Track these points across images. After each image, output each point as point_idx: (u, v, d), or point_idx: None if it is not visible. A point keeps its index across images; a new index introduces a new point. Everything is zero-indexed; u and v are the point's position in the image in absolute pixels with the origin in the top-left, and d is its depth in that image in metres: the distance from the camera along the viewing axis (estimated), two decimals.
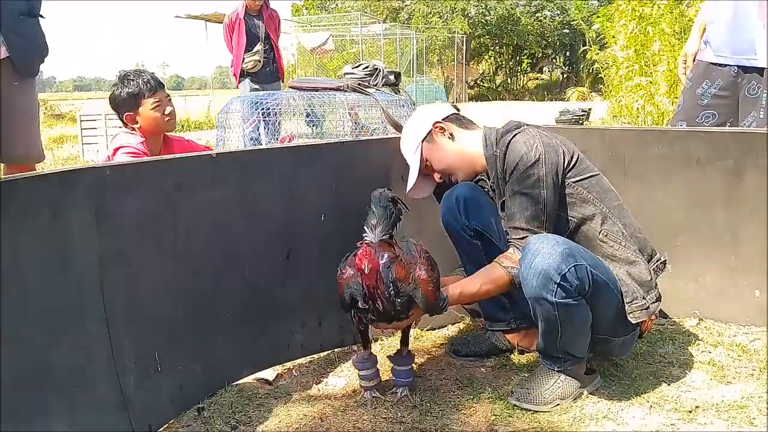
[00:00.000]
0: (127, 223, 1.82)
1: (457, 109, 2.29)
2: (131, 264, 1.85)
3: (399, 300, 1.87)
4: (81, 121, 8.39)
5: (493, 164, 2.09)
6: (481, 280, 2.03)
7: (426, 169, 2.23)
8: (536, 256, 1.83)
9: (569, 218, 2.03)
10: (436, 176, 2.25)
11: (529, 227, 1.96)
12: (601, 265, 1.95)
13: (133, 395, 1.83)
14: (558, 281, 1.81)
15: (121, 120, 2.75)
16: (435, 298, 1.93)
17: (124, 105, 2.71)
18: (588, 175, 2.05)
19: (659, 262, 2.13)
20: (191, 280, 2.02)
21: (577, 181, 2.03)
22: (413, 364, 2.17)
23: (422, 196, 2.31)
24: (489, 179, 2.19)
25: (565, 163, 2.01)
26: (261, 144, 4.81)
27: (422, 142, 2.20)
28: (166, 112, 2.74)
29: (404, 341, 2.16)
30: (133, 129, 2.73)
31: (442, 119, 2.21)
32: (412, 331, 2.23)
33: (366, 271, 1.83)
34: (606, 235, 2.03)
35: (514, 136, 2.03)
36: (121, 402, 1.80)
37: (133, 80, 2.71)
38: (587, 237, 2.04)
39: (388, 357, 2.18)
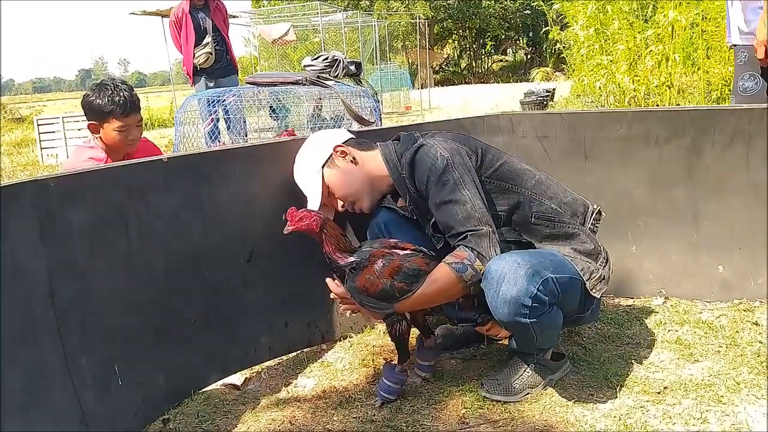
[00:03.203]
0: (76, 233, 1.76)
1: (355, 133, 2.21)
2: (83, 275, 1.78)
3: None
4: (38, 125, 8.18)
5: (403, 185, 2.02)
6: (428, 281, 1.86)
7: (326, 198, 2.12)
8: (501, 284, 1.77)
9: (498, 213, 1.99)
10: (339, 205, 2.13)
11: (467, 228, 1.85)
12: (559, 261, 1.91)
13: (93, 411, 1.77)
14: (530, 304, 1.78)
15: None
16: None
17: (92, 113, 2.59)
18: (498, 164, 2.00)
19: (594, 213, 2.07)
20: (148, 289, 1.96)
21: (490, 174, 1.98)
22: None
23: (327, 215, 2.13)
24: (403, 201, 2.10)
25: (474, 162, 1.96)
26: (221, 141, 4.72)
27: (323, 168, 2.10)
28: (129, 138, 2.62)
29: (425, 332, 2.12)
30: (95, 137, 2.64)
31: (342, 143, 2.12)
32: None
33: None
34: (538, 217, 1.99)
35: (415, 153, 1.95)
36: (81, 420, 1.74)
37: (109, 95, 2.55)
38: (520, 225, 2.01)
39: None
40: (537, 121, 2.62)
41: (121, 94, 2.57)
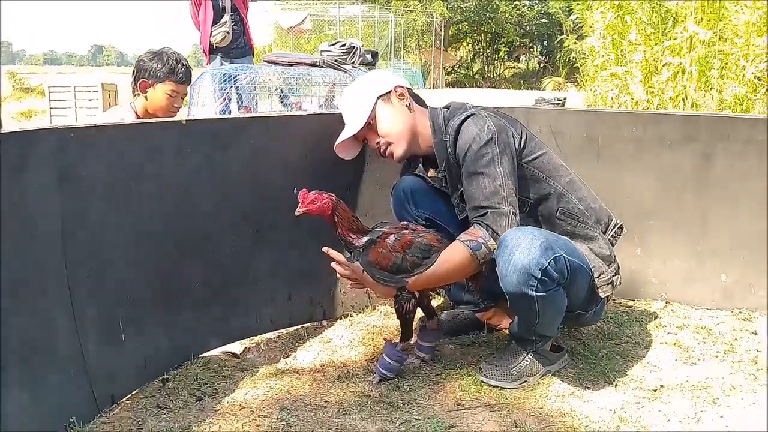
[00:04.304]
0: (92, 187, 1.77)
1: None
2: (95, 230, 1.80)
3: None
4: (50, 92, 8.17)
5: (443, 150, 2.03)
6: (441, 259, 1.90)
7: (364, 130, 2.10)
8: (515, 252, 1.79)
9: (525, 199, 2.01)
10: (374, 141, 2.11)
11: (490, 204, 1.88)
12: (574, 248, 1.95)
13: (95, 364, 1.79)
14: (539, 276, 1.79)
15: (135, 86, 2.71)
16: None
17: (147, 72, 2.67)
18: (538, 153, 2.03)
19: (616, 227, 2.12)
20: (157, 250, 1.97)
21: (529, 161, 2.01)
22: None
23: (343, 155, 2.19)
24: (436, 170, 2.12)
25: (516, 144, 1.98)
26: None
27: (378, 98, 2.09)
28: (174, 105, 2.74)
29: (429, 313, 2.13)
30: (139, 95, 2.70)
31: (404, 87, 2.13)
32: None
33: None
34: (563, 213, 2.03)
35: (464, 120, 1.97)
36: (83, 371, 1.76)
37: (172, 60, 2.69)
38: (544, 216, 2.04)
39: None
40: (552, 117, 2.64)
41: (182, 62, 2.73)
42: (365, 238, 1.96)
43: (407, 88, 2.13)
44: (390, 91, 2.10)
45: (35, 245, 1.64)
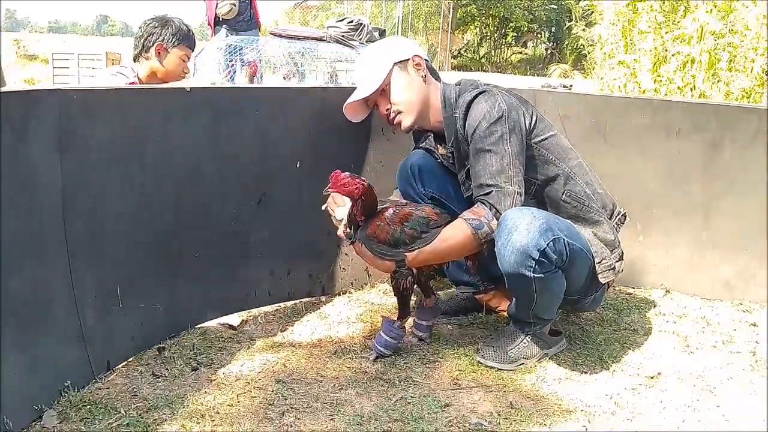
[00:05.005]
0: (93, 152, 1.75)
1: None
2: (96, 196, 1.78)
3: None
4: (53, 59, 8.13)
5: (452, 126, 2.01)
6: (442, 235, 1.89)
7: (376, 94, 2.07)
8: (513, 233, 1.78)
9: (532, 179, 1.99)
10: (384, 107, 2.08)
11: (495, 182, 1.86)
12: (575, 231, 1.94)
13: (92, 330, 1.78)
14: (537, 257, 1.78)
15: (142, 51, 2.68)
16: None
17: (162, 36, 2.66)
18: (548, 135, 2.01)
19: (620, 215, 2.11)
20: (157, 218, 1.96)
21: (538, 141, 1.99)
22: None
23: (351, 117, 2.16)
24: (444, 146, 2.10)
25: (527, 123, 1.96)
26: None
27: (395, 64, 2.06)
28: (185, 69, 2.76)
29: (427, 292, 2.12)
30: (143, 61, 2.69)
31: (422, 57, 2.09)
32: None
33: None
34: (569, 196, 2.01)
35: (476, 96, 1.95)
36: (80, 336, 1.75)
37: (181, 26, 2.70)
38: (550, 198, 2.02)
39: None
40: (560, 100, 2.61)
41: (191, 30, 2.75)
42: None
43: (425, 60, 2.10)
44: (408, 59, 2.06)
45: (34, 209, 1.62)
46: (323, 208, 2.04)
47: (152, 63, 2.66)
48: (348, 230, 1.97)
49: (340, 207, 2.00)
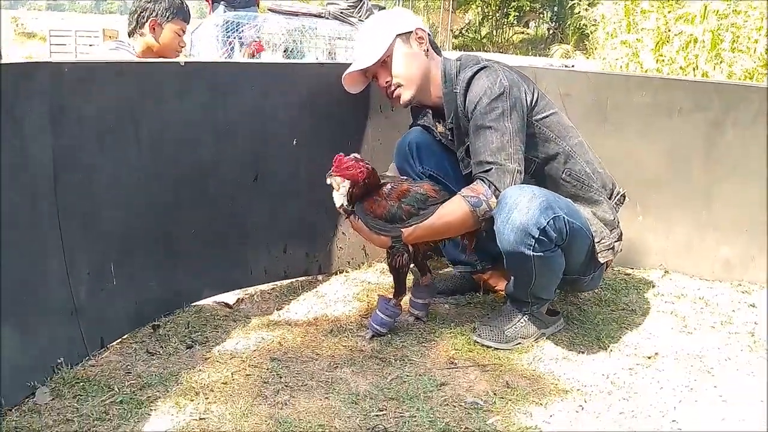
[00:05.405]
0: (86, 126, 1.72)
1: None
2: (88, 171, 1.75)
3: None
4: (51, 36, 8.06)
5: (452, 102, 1.98)
6: (439, 212, 1.87)
7: (376, 66, 2.02)
8: (513, 210, 1.76)
9: (532, 158, 1.97)
10: (384, 80, 2.03)
11: (495, 160, 1.84)
12: (575, 210, 1.92)
13: (85, 307, 1.76)
14: (537, 236, 1.76)
15: (137, 27, 2.66)
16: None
17: (155, 11, 2.63)
18: (549, 112, 1.99)
19: (619, 195, 2.09)
20: (152, 194, 1.93)
21: (539, 119, 1.96)
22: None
23: (349, 88, 2.12)
24: (440, 119, 2.07)
25: (528, 101, 1.93)
26: None
27: (398, 36, 2.00)
28: (180, 44, 2.74)
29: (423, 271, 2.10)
30: (138, 37, 2.66)
31: (425, 31, 2.05)
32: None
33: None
34: (569, 175, 1.99)
35: (477, 72, 1.91)
36: (73, 313, 1.73)
37: (173, 0, 2.67)
38: (550, 177, 2.00)
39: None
40: (561, 78, 2.57)
41: (183, 1, 2.73)
42: None
43: (428, 33, 2.06)
44: (411, 32, 2.02)
45: (26, 184, 1.60)
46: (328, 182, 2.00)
47: (147, 38, 2.63)
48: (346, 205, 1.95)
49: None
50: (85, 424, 1.50)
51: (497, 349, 1.95)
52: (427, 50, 2.03)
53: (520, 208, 1.75)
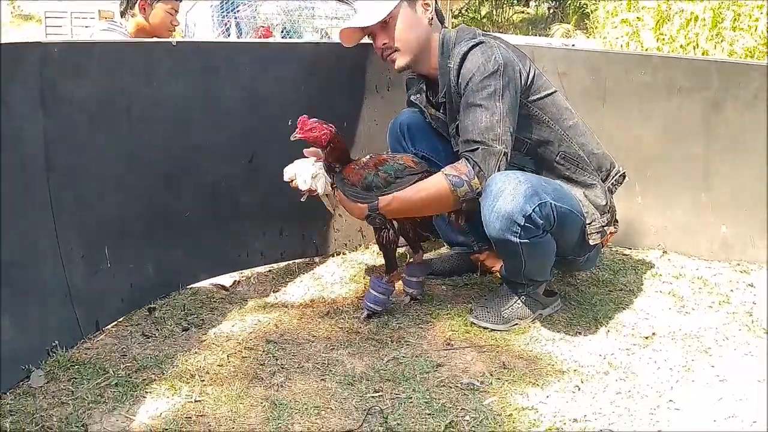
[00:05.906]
0: (77, 106, 1.70)
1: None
2: (80, 153, 1.74)
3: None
4: (46, 18, 7.97)
5: (446, 75, 1.93)
6: (418, 186, 1.84)
7: (375, 26, 1.94)
8: (498, 198, 1.74)
9: (525, 139, 1.93)
10: (381, 41, 1.96)
11: (483, 139, 1.79)
12: (564, 193, 1.89)
13: (80, 290, 1.76)
14: (522, 223, 1.75)
15: (128, 8, 2.65)
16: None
17: None
18: (544, 93, 1.94)
19: (618, 175, 2.05)
20: (145, 176, 1.92)
21: (533, 100, 1.92)
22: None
23: (344, 42, 2.04)
24: (434, 90, 2.03)
25: (523, 80, 1.88)
26: None
27: (403, 0, 1.93)
28: (173, 23, 2.72)
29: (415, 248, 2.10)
30: (130, 18, 2.64)
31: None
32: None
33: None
34: (563, 158, 1.96)
35: (472, 47, 1.86)
36: (67, 295, 1.73)
37: None
38: (544, 159, 1.97)
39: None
40: (559, 57, 2.54)
41: None
42: None
43: (434, 1, 2.00)
44: None
45: (16, 165, 1.58)
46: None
47: (138, 18, 2.60)
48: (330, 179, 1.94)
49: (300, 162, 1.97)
50: (80, 406, 1.50)
51: (494, 330, 1.94)
52: (431, 19, 1.98)
53: (505, 196, 1.74)
